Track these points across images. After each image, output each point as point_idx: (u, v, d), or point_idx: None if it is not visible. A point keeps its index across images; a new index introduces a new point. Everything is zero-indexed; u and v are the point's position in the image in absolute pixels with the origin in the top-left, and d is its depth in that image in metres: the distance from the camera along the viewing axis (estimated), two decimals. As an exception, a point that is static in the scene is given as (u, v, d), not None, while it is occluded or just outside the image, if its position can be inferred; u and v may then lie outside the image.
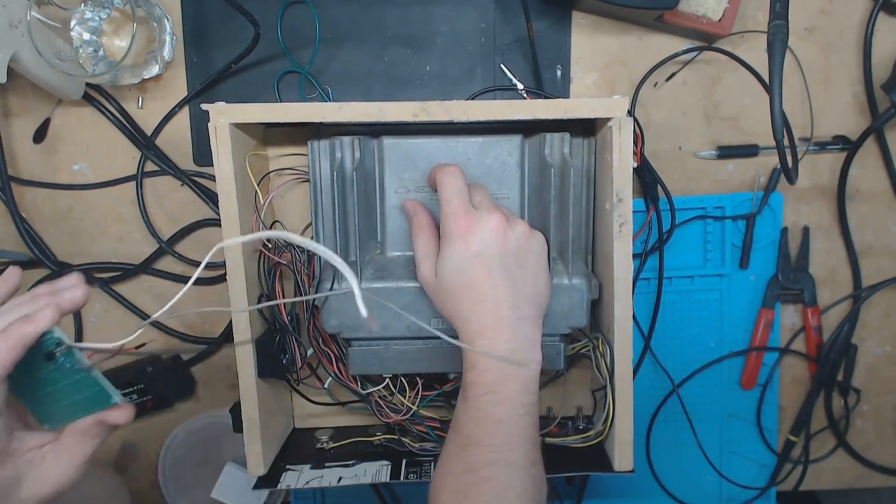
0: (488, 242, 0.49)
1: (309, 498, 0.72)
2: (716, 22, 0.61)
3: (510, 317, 0.49)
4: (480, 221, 0.49)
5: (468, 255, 0.49)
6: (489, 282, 0.49)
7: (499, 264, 0.49)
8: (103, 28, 0.61)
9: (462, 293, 0.49)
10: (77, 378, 0.42)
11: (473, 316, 0.49)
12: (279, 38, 0.63)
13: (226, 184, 0.54)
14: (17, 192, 0.65)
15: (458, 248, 0.49)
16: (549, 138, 0.57)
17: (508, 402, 0.47)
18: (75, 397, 0.43)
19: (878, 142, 0.67)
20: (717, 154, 0.66)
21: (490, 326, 0.48)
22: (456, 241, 0.49)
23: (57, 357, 0.41)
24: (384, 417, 0.61)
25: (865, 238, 0.69)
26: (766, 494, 0.72)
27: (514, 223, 0.51)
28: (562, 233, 0.57)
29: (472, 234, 0.49)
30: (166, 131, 0.65)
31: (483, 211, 0.50)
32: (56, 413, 0.44)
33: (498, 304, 0.49)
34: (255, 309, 0.58)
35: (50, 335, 0.41)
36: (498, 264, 0.49)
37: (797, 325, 0.70)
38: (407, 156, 0.59)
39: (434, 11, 0.64)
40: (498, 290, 0.49)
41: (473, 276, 0.49)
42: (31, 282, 0.67)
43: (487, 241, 0.49)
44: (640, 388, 0.67)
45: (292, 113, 0.54)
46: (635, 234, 0.62)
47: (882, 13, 0.64)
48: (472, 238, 0.49)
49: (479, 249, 0.49)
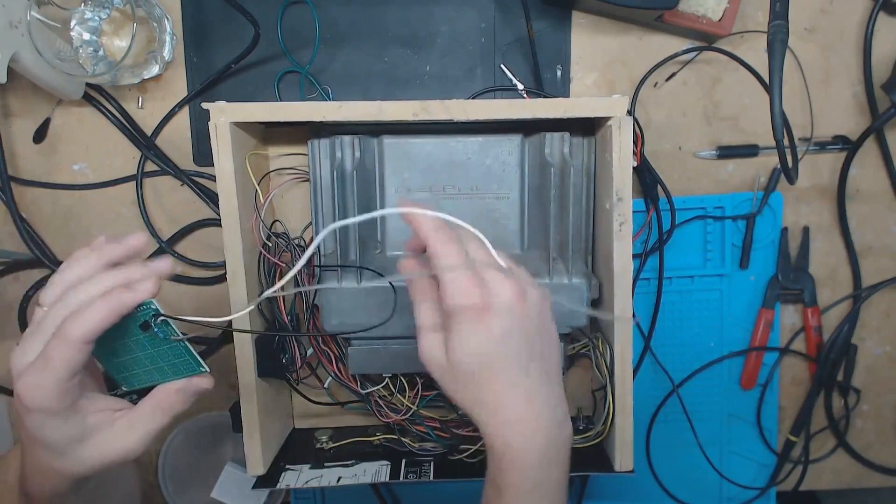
0: (510, 324, 0.42)
1: (308, 498, 0.72)
2: (716, 22, 0.61)
3: (545, 394, 0.44)
4: (494, 297, 0.42)
5: (490, 340, 0.42)
6: (518, 367, 0.43)
7: (525, 344, 0.43)
8: (103, 28, 0.61)
9: (485, 381, 0.42)
10: (166, 347, 0.44)
11: (503, 406, 0.43)
12: (279, 38, 0.63)
13: (226, 183, 0.54)
14: (17, 192, 0.65)
15: (475, 330, 0.42)
16: (549, 138, 0.57)
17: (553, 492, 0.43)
18: (160, 364, 0.44)
19: (878, 142, 0.67)
20: (717, 154, 0.66)
21: (526, 415, 0.42)
22: (471, 322, 0.42)
23: (152, 327, 0.43)
24: (384, 417, 0.61)
25: (865, 238, 0.69)
26: (766, 494, 0.72)
27: (527, 288, 0.44)
28: (562, 232, 0.57)
29: (489, 314, 0.41)
30: (166, 131, 0.65)
31: (492, 280, 0.42)
32: (137, 376, 0.45)
33: (532, 390, 0.43)
34: (256, 308, 0.58)
35: (147, 305, 0.42)
36: (525, 345, 0.43)
37: (797, 325, 0.70)
38: (407, 155, 0.59)
39: (434, 11, 0.64)
40: (531, 374, 0.43)
41: (499, 363, 0.42)
42: (31, 282, 0.67)
43: (509, 322, 0.42)
44: (640, 388, 0.67)
45: (293, 112, 0.54)
46: (635, 234, 0.62)
47: (882, 13, 0.64)
48: (491, 320, 0.41)
49: (501, 333, 0.42)
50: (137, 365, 0.45)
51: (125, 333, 0.43)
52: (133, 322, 0.43)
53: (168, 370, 0.45)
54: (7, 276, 0.68)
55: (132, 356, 0.44)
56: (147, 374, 0.45)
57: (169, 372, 0.45)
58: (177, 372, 0.45)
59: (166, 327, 0.43)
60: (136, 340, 0.44)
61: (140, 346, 0.44)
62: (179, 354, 0.44)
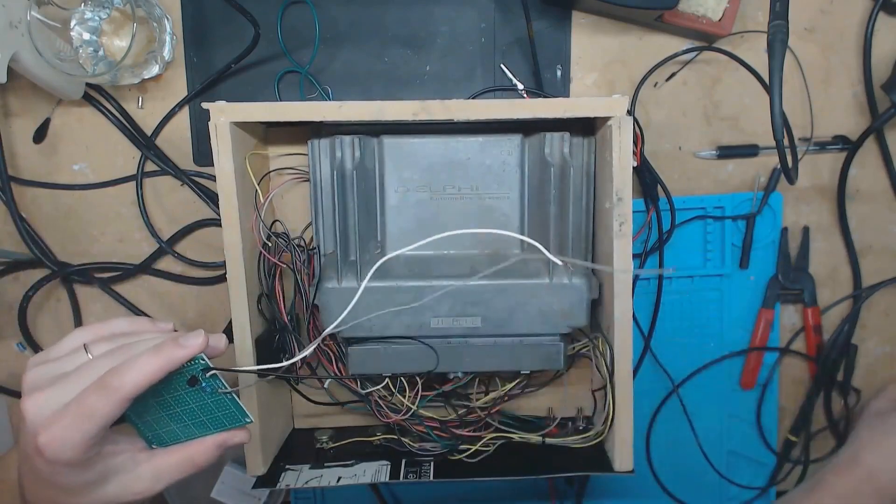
0: None
1: (308, 498, 0.72)
2: (716, 22, 0.61)
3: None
4: None
5: None
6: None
7: None
8: (103, 28, 0.61)
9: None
10: (210, 400, 0.43)
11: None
12: (279, 38, 0.63)
13: (226, 183, 0.54)
14: (17, 192, 0.65)
15: None
16: (549, 138, 0.57)
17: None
18: (201, 418, 0.43)
19: (878, 142, 0.67)
20: (717, 154, 0.66)
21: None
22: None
23: (200, 382, 0.42)
24: (384, 417, 0.61)
25: (865, 238, 0.69)
26: (766, 494, 0.72)
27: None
28: (562, 232, 0.57)
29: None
30: (166, 131, 0.65)
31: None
32: (173, 432, 0.44)
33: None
34: (256, 308, 0.58)
35: (196, 361, 0.41)
36: None
37: (797, 325, 0.70)
38: (407, 155, 0.59)
39: (434, 11, 0.64)
40: None
41: None
42: (31, 281, 0.67)
43: None
44: (640, 388, 0.67)
45: (293, 112, 0.54)
46: (635, 234, 0.62)
47: (882, 13, 0.64)
48: None
49: None
50: (175, 421, 0.44)
51: (165, 389, 0.42)
52: (178, 378, 0.41)
53: (208, 423, 0.44)
54: (7, 276, 0.68)
55: (169, 412, 0.43)
56: (184, 430, 0.44)
57: (209, 425, 0.44)
58: (217, 425, 0.44)
59: (215, 381, 0.42)
60: (177, 396, 0.42)
61: (180, 401, 0.43)
62: (223, 407, 0.43)
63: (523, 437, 0.62)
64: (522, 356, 0.59)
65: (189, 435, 0.44)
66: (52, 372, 0.40)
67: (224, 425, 0.44)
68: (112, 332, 0.43)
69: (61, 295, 0.68)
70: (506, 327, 0.57)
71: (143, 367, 0.38)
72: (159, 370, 0.38)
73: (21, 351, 0.69)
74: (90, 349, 0.41)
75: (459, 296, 0.56)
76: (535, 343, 0.58)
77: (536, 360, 0.59)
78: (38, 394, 0.39)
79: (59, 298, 0.68)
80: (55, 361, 0.41)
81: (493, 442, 0.61)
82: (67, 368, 0.40)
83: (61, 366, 0.41)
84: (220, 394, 0.42)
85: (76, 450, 0.38)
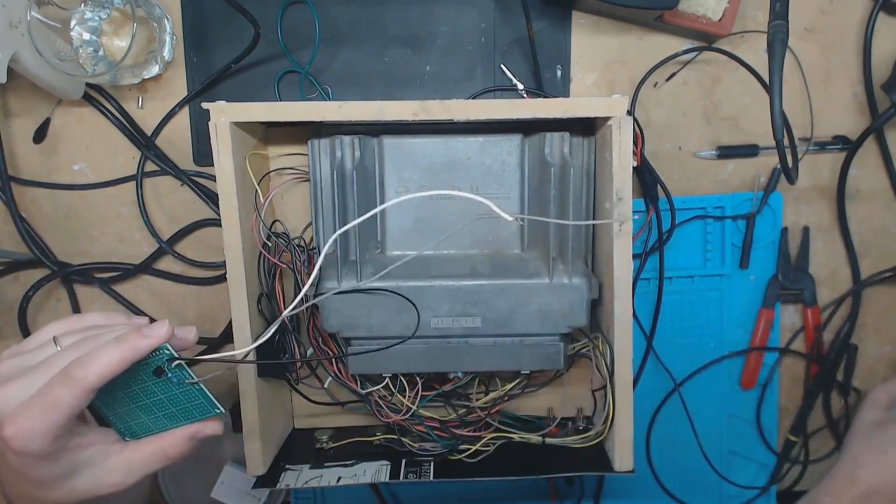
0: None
1: (309, 498, 0.72)
2: (716, 22, 0.61)
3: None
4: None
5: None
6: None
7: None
8: (103, 28, 0.61)
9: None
10: (178, 391, 0.42)
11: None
12: (279, 38, 0.63)
13: (226, 183, 0.54)
14: (17, 192, 0.65)
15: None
16: (549, 138, 0.57)
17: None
18: (170, 409, 0.43)
19: (878, 142, 0.67)
20: (717, 154, 0.66)
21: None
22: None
23: (166, 373, 0.41)
24: (384, 417, 0.61)
25: (865, 238, 0.69)
26: (766, 494, 0.72)
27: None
28: (562, 232, 0.57)
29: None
30: (166, 131, 0.65)
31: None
32: (144, 424, 0.44)
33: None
34: (256, 308, 0.58)
35: (161, 350, 0.41)
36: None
37: (797, 325, 0.70)
38: (407, 155, 0.59)
39: (434, 11, 0.64)
40: None
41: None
42: (31, 281, 0.67)
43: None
44: (641, 387, 0.67)
45: (293, 112, 0.54)
46: (635, 234, 0.62)
47: (882, 13, 0.64)
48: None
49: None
50: (145, 412, 0.43)
51: (132, 380, 0.42)
52: (144, 368, 0.41)
53: (179, 415, 0.43)
54: (7, 276, 0.68)
55: (139, 404, 0.43)
56: (155, 422, 0.44)
57: (180, 417, 0.43)
58: (188, 416, 0.43)
59: (181, 371, 0.42)
60: (145, 387, 0.42)
61: (148, 392, 0.42)
62: (193, 398, 0.43)
63: (523, 437, 0.62)
64: (522, 356, 0.59)
65: (160, 427, 0.44)
66: (22, 364, 0.40)
67: (194, 416, 0.44)
68: (84, 325, 0.43)
69: (61, 295, 0.68)
70: (506, 327, 0.57)
71: (105, 357, 0.38)
72: (122, 360, 0.38)
73: (21, 351, 0.69)
74: (59, 341, 0.41)
75: (459, 296, 0.56)
76: (535, 343, 0.58)
77: (536, 360, 0.59)
78: (6, 385, 0.39)
79: (59, 298, 0.68)
80: (26, 354, 0.41)
81: (493, 442, 0.61)
82: (36, 360, 0.40)
83: (31, 358, 0.41)
84: (187, 384, 0.42)
85: (43, 441, 0.38)
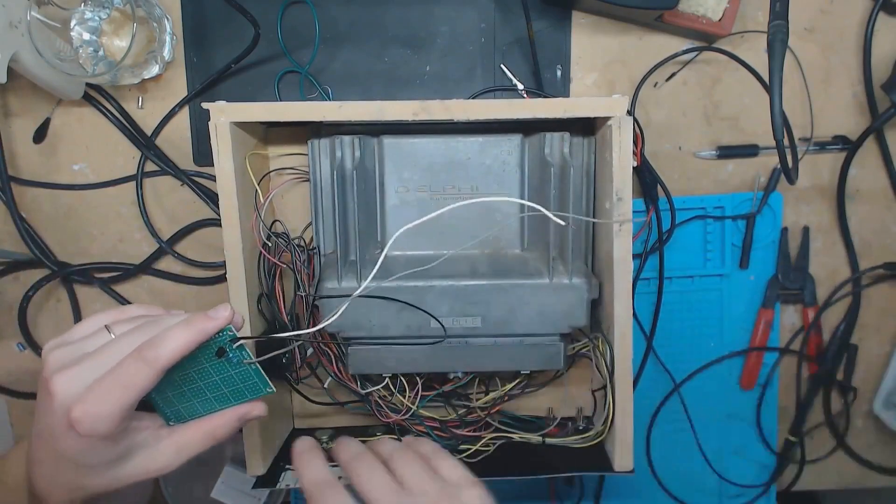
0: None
1: (309, 498, 0.71)
2: (716, 22, 0.61)
3: None
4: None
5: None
6: None
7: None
8: (103, 28, 0.61)
9: None
10: (234, 372, 0.43)
11: None
12: (279, 38, 0.63)
13: (226, 183, 0.54)
14: (17, 192, 0.65)
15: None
16: (548, 138, 0.57)
17: None
18: (223, 390, 0.44)
19: (878, 142, 0.67)
20: (717, 154, 0.66)
21: None
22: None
23: (228, 353, 0.42)
24: (384, 417, 0.61)
25: (865, 238, 0.69)
26: (766, 494, 0.72)
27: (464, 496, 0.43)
28: (562, 232, 0.57)
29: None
30: (166, 131, 0.65)
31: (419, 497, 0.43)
32: (193, 407, 0.45)
33: None
34: (256, 309, 0.58)
35: (225, 332, 0.42)
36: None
37: (797, 325, 0.70)
38: (407, 155, 0.59)
39: (434, 11, 0.64)
40: None
41: None
42: (31, 281, 0.67)
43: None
44: (641, 388, 0.67)
45: (293, 112, 0.54)
46: (635, 234, 0.62)
47: (882, 13, 0.64)
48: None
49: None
50: (196, 395, 0.44)
51: (190, 363, 0.42)
52: (205, 350, 0.42)
53: (230, 396, 0.44)
54: (7, 275, 0.67)
55: (191, 386, 0.44)
56: (204, 404, 0.44)
57: (230, 398, 0.44)
58: (238, 396, 0.44)
59: (241, 352, 0.43)
60: (202, 370, 0.43)
61: (204, 374, 0.43)
62: (246, 378, 0.44)
63: (523, 437, 0.62)
64: (522, 356, 0.59)
65: (208, 409, 0.45)
66: (76, 352, 0.41)
67: (245, 396, 0.45)
68: (130, 316, 0.44)
69: (61, 295, 0.68)
70: (506, 327, 0.57)
71: (177, 338, 0.39)
72: (193, 341, 0.40)
73: (21, 351, 0.69)
74: (112, 329, 0.42)
75: (459, 296, 0.56)
76: (535, 343, 0.58)
77: (536, 360, 0.59)
78: (65, 371, 0.39)
79: (59, 298, 0.68)
80: (76, 343, 0.42)
81: (493, 442, 0.61)
82: (90, 348, 0.41)
83: (82, 346, 0.42)
84: (245, 364, 0.43)
85: (111, 421, 0.39)
